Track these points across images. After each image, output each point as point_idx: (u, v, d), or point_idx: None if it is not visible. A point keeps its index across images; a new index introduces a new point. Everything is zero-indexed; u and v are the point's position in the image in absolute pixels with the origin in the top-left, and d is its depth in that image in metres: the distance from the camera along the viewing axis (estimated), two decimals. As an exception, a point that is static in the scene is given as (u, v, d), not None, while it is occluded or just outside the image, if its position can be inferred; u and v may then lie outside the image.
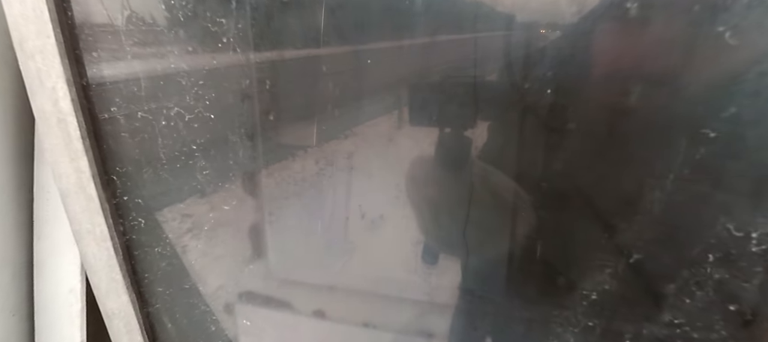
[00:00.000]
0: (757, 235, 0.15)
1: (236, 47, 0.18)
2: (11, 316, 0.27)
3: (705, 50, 0.14)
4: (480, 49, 0.18)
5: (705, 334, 0.17)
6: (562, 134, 0.17)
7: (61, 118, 0.20)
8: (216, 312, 0.24)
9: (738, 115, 0.14)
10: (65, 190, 0.22)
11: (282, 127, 0.19)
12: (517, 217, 0.20)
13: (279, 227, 0.21)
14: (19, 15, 0.19)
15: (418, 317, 0.21)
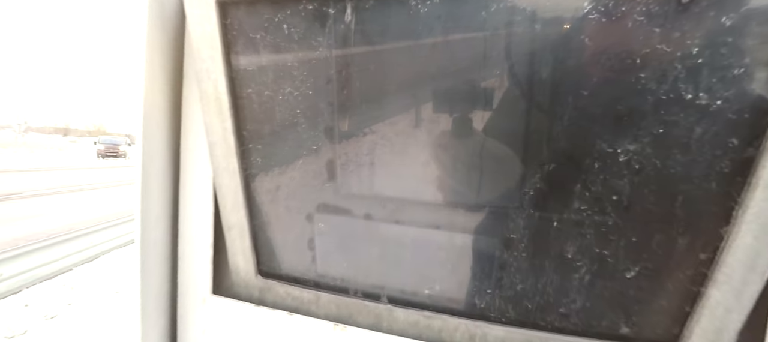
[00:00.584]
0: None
1: (324, 52, 0.32)
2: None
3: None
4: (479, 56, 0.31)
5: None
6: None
7: (217, 96, 0.34)
8: (300, 220, 0.38)
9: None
10: (213, 141, 0.36)
11: (352, 100, 0.33)
12: (503, 166, 0.33)
13: (346, 160, 0.35)
14: (199, 35, 0.32)
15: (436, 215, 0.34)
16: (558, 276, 0.31)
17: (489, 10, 0.26)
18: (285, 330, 0.39)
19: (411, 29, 0.29)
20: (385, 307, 0.36)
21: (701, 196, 0.27)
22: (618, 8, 0.24)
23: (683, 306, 0.29)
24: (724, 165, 0.25)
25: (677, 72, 0.24)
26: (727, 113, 0.24)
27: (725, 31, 0.23)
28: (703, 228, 0.27)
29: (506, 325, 0.32)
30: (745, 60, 0.23)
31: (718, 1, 0.23)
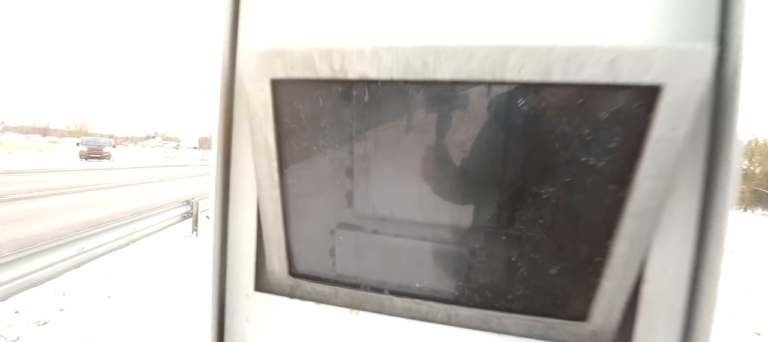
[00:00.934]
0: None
1: (347, 117, 0.45)
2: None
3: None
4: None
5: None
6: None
7: (266, 145, 0.46)
8: (324, 234, 0.51)
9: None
10: (260, 176, 0.48)
11: (365, 151, 0.46)
12: (469, 199, 0.47)
13: (360, 190, 0.48)
14: (256, 100, 0.45)
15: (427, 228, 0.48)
16: (507, 273, 0.45)
17: (456, 99, 0.40)
18: (311, 316, 0.52)
19: (405, 105, 0.43)
20: (386, 297, 0.50)
21: (595, 220, 0.41)
22: (540, 105, 0.38)
23: (589, 292, 0.43)
24: (607, 202, 0.40)
25: (576, 144, 0.39)
26: (606, 170, 0.39)
27: (603, 120, 0.37)
28: (597, 241, 0.41)
29: (472, 307, 0.46)
30: (616, 137, 0.38)
31: (597, 103, 0.37)
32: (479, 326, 0.47)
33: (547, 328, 0.46)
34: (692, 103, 0.34)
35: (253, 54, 0.42)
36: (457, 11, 0.42)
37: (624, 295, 0.43)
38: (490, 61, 0.37)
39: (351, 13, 0.47)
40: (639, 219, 0.39)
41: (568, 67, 0.35)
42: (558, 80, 0.36)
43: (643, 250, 0.41)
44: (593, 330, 0.45)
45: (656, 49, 0.34)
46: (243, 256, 0.53)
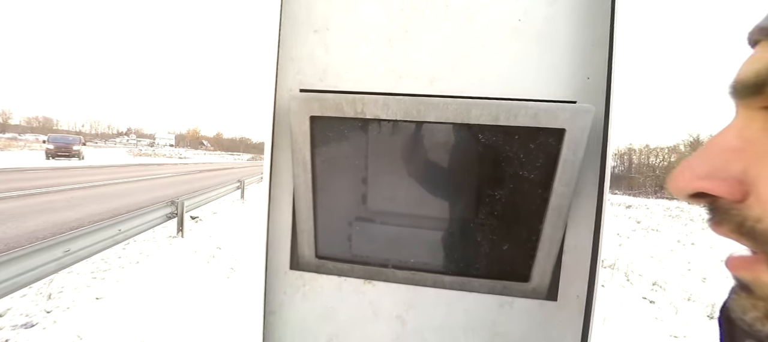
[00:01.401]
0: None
1: (364, 141, 0.64)
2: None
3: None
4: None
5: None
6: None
7: (304, 161, 0.64)
8: (344, 225, 0.69)
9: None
10: (297, 184, 0.66)
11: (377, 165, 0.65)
12: (446, 197, 0.67)
13: (372, 193, 0.67)
14: (298, 130, 0.62)
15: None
16: (474, 249, 0.65)
17: (438, 134, 0.60)
18: (334, 287, 0.70)
19: (405, 136, 0.62)
20: (390, 270, 0.69)
21: (530, 212, 0.62)
22: (492, 138, 0.59)
23: (529, 261, 0.64)
24: (537, 200, 0.61)
25: (516, 163, 0.59)
26: (535, 179, 0.60)
27: (531, 149, 0.58)
28: (532, 226, 0.62)
29: (451, 275, 0.66)
30: (540, 159, 0.59)
31: (527, 138, 0.58)
32: (457, 288, 0.67)
33: (503, 287, 0.67)
34: (583, 138, 0.55)
35: (299, 98, 0.60)
36: (438, 78, 0.62)
37: (551, 262, 0.64)
38: (459, 111, 0.57)
39: (361, 66, 0.65)
40: (557, 211, 0.60)
41: (508, 116, 0.56)
42: (503, 124, 0.56)
43: (561, 231, 0.62)
44: (533, 287, 0.67)
45: (561, 107, 0.55)
46: (281, 243, 0.70)
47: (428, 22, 0.63)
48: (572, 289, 0.64)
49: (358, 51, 0.65)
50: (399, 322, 0.68)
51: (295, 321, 0.70)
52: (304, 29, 0.66)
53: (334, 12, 0.65)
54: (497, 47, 0.62)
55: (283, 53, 0.65)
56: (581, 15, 0.61)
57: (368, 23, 0.65)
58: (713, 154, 0.21)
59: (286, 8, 0.65)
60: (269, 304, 0.69)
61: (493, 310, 0.66)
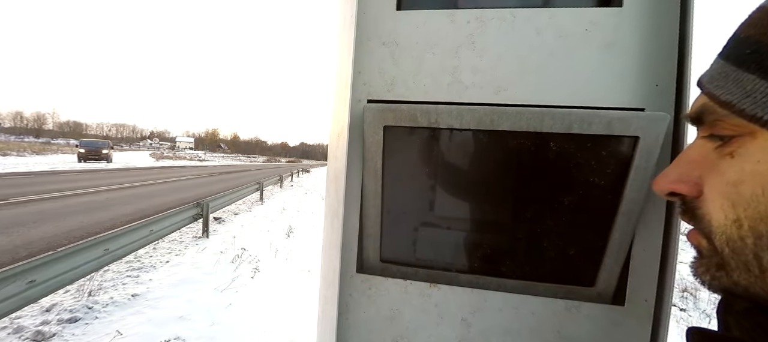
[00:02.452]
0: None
1: (431, 152, 0.67)
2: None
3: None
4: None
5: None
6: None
7: (375, 170, 0.67)
8: (409, 230, 0.72)
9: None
10: (366, 193, 0.69)
11: (444, 175, 0.68)
12: (505, 206, 0.69)
13: (440, 200, 0.70)
14: (371, 140, 0.66)
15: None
16: (539, 254, 0.66)
17: (510, 142, 0.62)
18: (398, 289, 0.73)
19: (476, 145, 0.65)
20: (453, 274, 0.71)
21: (599, 217, 0.63)
22: (564, 146, 0.60)
23: (595, 266, 0.65)
24: (607, 205, 0.62)
25: (587, 169, 0.61)
26: (606, 185, 0.61)
27: (604, 156, 0.59)
28: (600, 231, 0.63)
29: (515, 279, 0.68)
30: (612, 165, 0.60)
31: (600, 145, 0.59)
32: (520, 291, 0.68)
33: (567, 291, 0.68)
34: (657, 146, 0.56)
35: (372, 109, 0.63)
36: (504, 87, 0.64)
37: (618, 267, 0.65)
38: (533, 119, 0.59)
39: (428, 77, 0.68)
40: (627, 216, 0.61)
41: (582, 124, 0.57)
42: (576, 132, 0.58)
43: (630, 237, 0.63)
44: (598, 292, 0.67)
45: (635, 115, 0.56)
46: (350, 247, 0.74)
47: (495, 32, 0.65)
48: (640, 293, 0.65)
49: (425, 62, 0.68)
50: (464, 325, 0.70)
51: (361, 322, 0.74)
52: (372, 42, 0.70)
53: (401, 25, 0.68)
54: (565, 56, 0.63)
55: (353, 66, 0.68)
56: (649, 22, 0.62)
57: (435, 35, 0.67)
58: (681, 165, 0.30)
59: (357, 22, 0.68)
60: (340, 306, 0.72)
61: (559, 314, 0.67)
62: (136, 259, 4.56)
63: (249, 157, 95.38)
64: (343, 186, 0.70)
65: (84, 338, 2.75)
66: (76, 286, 3.58)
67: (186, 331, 2.94)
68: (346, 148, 0.69)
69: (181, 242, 5.46)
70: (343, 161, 0.69)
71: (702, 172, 0.28)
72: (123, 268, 4.26)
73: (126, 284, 3.78)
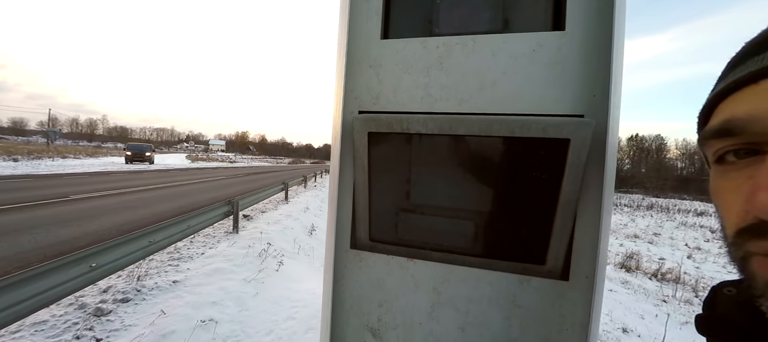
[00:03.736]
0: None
1: (406, 152, 0.83)
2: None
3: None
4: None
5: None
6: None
7: (363, 167, 0.85)
8: (391, 215, 0.89)
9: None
10: (357, 185, 0.87)
11: (418, 169, 0.84)
12: (474, 192, 0.84)
13: (414, 189, 0.86)
14: (359, 144, 0.84)
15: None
16: (497, 235, 0.81)
17: (466, 144, 0.77)
18: (384, 263, 0.90)
19: (440, 145, 0.80)
20: (427, 251, 0.87)
21: (544, 206, 0.76)
22: (511, 147, 0.74)
23: (544, 246, 0.78)
24: (549, 196, 0.75)
25: (532, 165, 0.74)
26: (548, 179, 0.74)
27: (543, 155, 0.73)
28: (546, 218, 0.77)
29: (477, 256, 0.82)
30: (551, 162, 0.73)
31: (539, 146, 0.73)
32: (481, 267, 0.83)
33: (523, 268, 0.82)
34: (585, 147, 0.69)
35: (360, 119, 0.81)
36: (467, 99, 0.80)
37: (563, 248, 0.78)
38: (483, 125, 0.74)
39: (405, 92, 0.85)
40: (566, 206, 0.74)
41: (523, 128, 0.72)
42: (518, 135, 0.72)
43: (570, 223, 0.76)
44: (549, 269, 0.80)
45: (566, 120, 0.69)
46: (344, 229, 0.92)
47: (459, 55, 0.81)
48: (581, 270, 0.77)
49: (403, 80, 0.85)
50: (435, 292, 0.85)
51: (353, 288, 0.91)
52: (362, 65, 0.87)
53: (385, 51, 0.86)
54: (516, 73, 0.78)
55: (346, 84, 0.86)
56: (587, 43, 0.75)
57: (411, 58, 0.84)
58: None
59: (349, 49, 0.87)
60: (336, 277, 0.91)
61: (514, 285, 0.81)
62: (176, 251, 5.05)
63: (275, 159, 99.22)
64: (337, 180, 0.88)
65: (134, 316, 3.15)
66: (127, 272, 4.07)
67: (218, 314, 3.27)
68: (339, 150, 0.87)
69: (214, 236, 5.94)
70: (338, 160, 0.88)
71: None
72: (165, 257, 4.75)
73: (167, 272, 4.23)
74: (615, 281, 7.38)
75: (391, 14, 0.87)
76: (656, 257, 9.79)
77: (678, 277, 7.89)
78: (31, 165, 18.66)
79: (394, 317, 0.88)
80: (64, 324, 2.96)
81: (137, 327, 2.98)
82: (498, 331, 0.81)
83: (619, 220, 17.22)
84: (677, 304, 6.35)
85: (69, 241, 5.09)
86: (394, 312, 0.89)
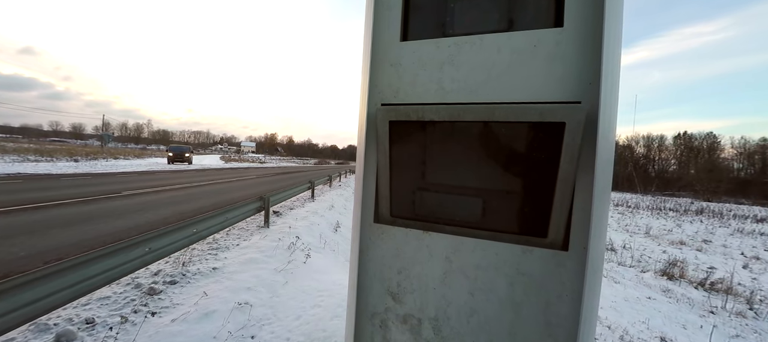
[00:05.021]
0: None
1: (422, 139, 0.97)
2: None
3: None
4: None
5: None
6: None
7: (385, 152, 0.99)
8: (410, 193, 1.02)
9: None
10: (380, 168, 1.01)
11: (432, 155, 0.97)
12: (483, 174, 0.95)
13: (429, 170, 0.99)
14: (381, 131, 0.98)
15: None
16: (503, 211, 0.92)
17: (474, 129, 0.89)
18: (403, 235, 1.04)
19: (451, 131, 0.93)
20: (440, 225, 0.99)
21: (545, 182, 0.86)
22: (514, 130, 0.85)
23: (546, 221, 0.88)
24: (549, 174, 0.85)
25: (533, 146, 0.85)
26: (547, 159, 0.84)
27: (543, 136, 0.83)
28: (547, 194, 0.86)
29: (486, 230, 0.93)
30: (550, 144, 0.83)
31: (538, 129, 0.83)
32: (489, 238, 0.94)
33: (526, 240, 0.92)
34: (579, 129, 0.79)
35: (382, 110, 0.96)
36: (474, 90, 0.92)
37: (563, 221, 0.87)
38: (487, 113, 0.85)
39: (421, 86, 0.98)
40: (564, 182, 0.84)
41: (523, 115, 0.82)
42: (519, 120, 0.83)
43: (569, 199, 0.85)
44: (550, 241, 0.90)
45: (560, 106, 0.79)
46: (369, 205, 1.07)
47: (468, 52, 0.93)
48: (579, 241, 0.86)
49: (419, 76, 0.98)
50: (447, 261, 0.98)
51: (377, 258, 1.06)
52: (384, 64, 1.02)
53: (404, 52, 1.00)
54: (519, 66, 0.89)
55: (370, 80, 1.01)
56: (583, 37, 0.84)
57: (426, 57, 0.97)
58: None
59: (373, 50, 1.01)
60: (362, 246, 1.06)
61: (517, 255, 0.91)
62: (214, 242, 5.50)
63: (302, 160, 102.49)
64: (363, 163, 1.03)
65: (181, 296, 3.52)
66: (173, 258, 4.51)
67: (253, 299, 3.57)
68: (365, 138, 1.02)
69: (247, 230, 6.37)
70: (364, 146, 1.03)
71: None
72: (205, 247, 5.19)
73: (208, 260, 4.63)
74: (654, 289, 6.96)
75: (410, 19, 1.01)
76: (705, 266, 9.05)
77: (730, 288, 7.27)
78: (88, 165, 20.83)
79: (411, 282, 1.02)
80: (124, 299, 3.37)
81: (183, 305, 3.33)
82: (503, 296, 0.92)
83: (663, 226, 15.99)
84: (727, 316, 5.87)
85: (124, 230, 5.70)
86: (411, 278, 1.02)
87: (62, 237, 5.16)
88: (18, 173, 13.45)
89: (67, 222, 6.10)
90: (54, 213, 6.73)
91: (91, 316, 3.00)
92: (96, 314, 3.09)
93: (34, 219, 6.14)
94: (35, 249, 4.59)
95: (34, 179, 12.00)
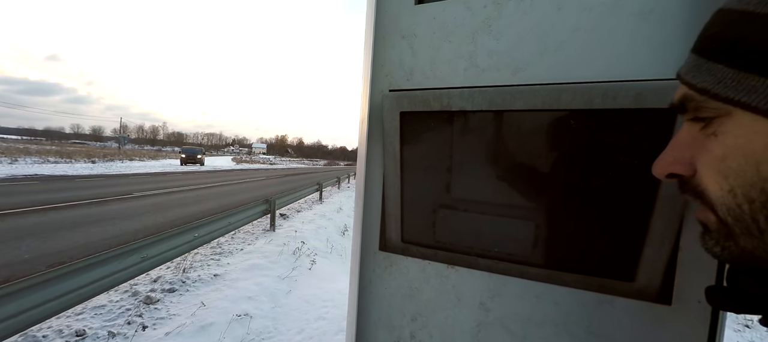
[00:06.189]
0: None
1: (447, 135, 0.69)
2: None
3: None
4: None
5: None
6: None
7: (394, 154, 0.72)
8: (428, 213, 0.75)
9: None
10: (387, 173, 0.74)
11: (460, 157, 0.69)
12: (529, 188, 0.67)
13: (456, 181, 0.71)
14: (389, 126, 0.71)
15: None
16: (566, 241, 0.63)
17: (525, 122, 0.61)
18: (418, 269, 0.76)
19: (489, 125, 0.65)
20: (472, 257, 0.71)
21: (635, 203, 0.57)
22: (585, 123, 0.57)
23: (634, 256, 0.59)
24: (643, 188, 0.56)
25: (616, 149, 0.56)
26: (640, 166, 0.55)
27: (633, 132, 0.54)
28: (638, 218, 0.57)
29: (539, 267, 0.65)
30: (644, 144, 0.54)
31: (628, 121, 0.54)
32: (544, 280, 0.65)
33: (600, 285, 0.63)
34: (704, 120, 0.49)
35: (390, 97, 0.68)
36: (522, 67, 0.63)
37: (663, 261, 0.58)
38: (548, 97, 0.57)
39: (444, 64, 0.70)
40: (669, 201, 0.54)
41: (605, 98, 0.53)
42: (599, 107, 0.54)
43: (676, 225, 0.56)
44: (639, 288, 0.61)
45: (672, 85, 0.50)
46: (372, 227, 0.80)
47: (513, 14, 0.65)
48: (691, 292, 0.56)
49: (442, 50, 0.70)
50: (482, 309, 0.69)
51: (382, 297, 0.78)
52: (393, 37, 0.75)
53: (420, 18, 0.72)
54: (591, 30, 0.60)
55: (374, 59, 0.74)
56: (699, -18, 0.54)
57: (452, 23, 0.69)
58: (675, 148, 0.33)
59: (377, 19, 0.74)
60: (362, 280, 0.78)
61: (589, 307, 0.62)
62: (218, 246, 5.34)
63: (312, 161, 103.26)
64: (364, 171, 0.76)
65: (179, 305, 3.33)
66: (175, 263, 4.35)
67: (253, 309, 3.34)
68: (367, 136, 0.75)
69: (253, 233, 6.20)
70: (365, 147, 0.76)
71: (693, 152, 0.31)
72: (208, 252, 5.03)
73: (210, 265, 4.45)
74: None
75: (427, -27, 0.73)
76: None
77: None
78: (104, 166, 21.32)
79: (431, 335, 0.74)
80: (119, 309, 3.20)
81: (180, 316, 3.13)
82: (566, 365, 0.63)
83: None
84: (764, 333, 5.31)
85: (131, 233, 5.61)
86: (431, 329, 0.74)
87: (69, 239, 5.10)
88: (36, 174, 13.80)
89: (76, 223, 6.08)
90: (64, 214, 6.74)
91: (82, 328, 2.83)
92: (88, 325, 2.92)
93: (45, 220, 6.14)
94: (39, 251, 4.53)
95: (51, 180, 12.26)
